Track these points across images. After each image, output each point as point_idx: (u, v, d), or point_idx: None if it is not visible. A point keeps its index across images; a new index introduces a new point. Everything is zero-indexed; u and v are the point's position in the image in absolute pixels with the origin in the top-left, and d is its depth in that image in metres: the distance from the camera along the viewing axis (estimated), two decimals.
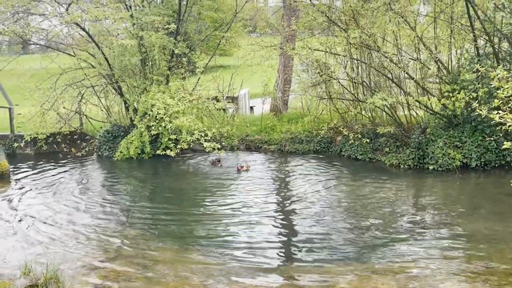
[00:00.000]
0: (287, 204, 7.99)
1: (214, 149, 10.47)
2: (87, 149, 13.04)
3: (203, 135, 10.49)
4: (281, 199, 8.33)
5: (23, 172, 11.03)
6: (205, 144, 10.40)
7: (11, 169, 10.73)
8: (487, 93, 8.63)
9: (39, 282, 4.70)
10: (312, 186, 8.90)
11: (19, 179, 10.30)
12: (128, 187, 9.59)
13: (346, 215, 7.24)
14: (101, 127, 13.20)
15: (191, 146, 11.58)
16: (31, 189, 9.40)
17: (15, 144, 13.18)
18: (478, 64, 8.02)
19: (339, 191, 8.61)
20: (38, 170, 11.16)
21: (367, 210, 7.42)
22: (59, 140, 13.28)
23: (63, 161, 12.18)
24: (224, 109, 13.37)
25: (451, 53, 10.25)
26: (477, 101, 8.32)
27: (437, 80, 10.29)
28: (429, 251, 5.76)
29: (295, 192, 8.58)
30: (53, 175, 10.60)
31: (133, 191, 9.30)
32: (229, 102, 13.99)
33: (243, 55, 12.54)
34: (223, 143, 12.23)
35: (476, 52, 9.69)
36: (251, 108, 16.31)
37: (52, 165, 11.64)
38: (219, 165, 10.46)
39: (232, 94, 14.66)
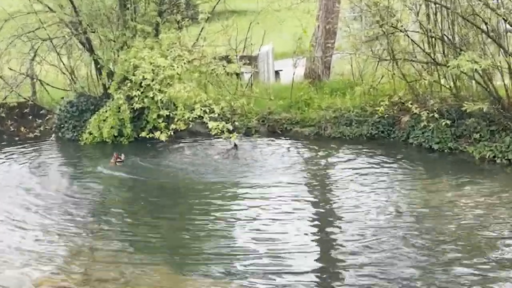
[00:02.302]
0: (328, 217, 7.96)
1: (222, 131, 10.53)
2: (42, 129, 13.21)
3: (207, 111, 10.57)
4: (320, 209, 8.29)
5: None
6: (211, 124, 10.46)
7: None
8: None
9: None
10: (365, 190, 8.83)
11: None
12: (99, 184, 9.75)
13: (413, 231, 7.20)
14: (63, 98, 13.33)
15: (190, 126, 11.65)
16: None
17: None
18: None
19: (404, 198, 8.56)
20: None
21: (445, 225, 7.36)
22: (2, 115, 13.40)
23: (9, 145, 12.44)
24: (237, 74, 13.36)
25: None
26: None
27: None
28: None
29: (340, 200, 8.55)
30: None
31: (106, 190, 9.48)
32: (245, 63, 13.72)
33: None
34: (236, 123, 12.30)
35: None
36: (277, 72, 16.28)
37: None
38: (233, 151, 10.64)
39: (250, 53, 14.63)
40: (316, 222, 7.95)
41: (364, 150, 11.27)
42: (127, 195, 9.55)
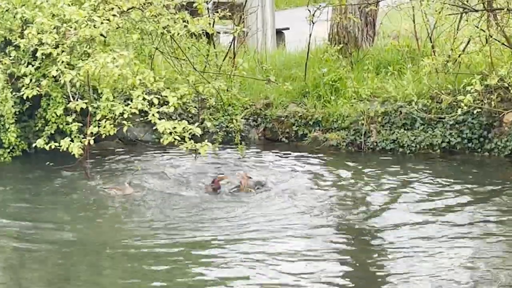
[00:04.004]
0: None
1: (183, 138, 9.56)
2: None
3: (155, 101, 9.67)
4: None
5: None
6: (161, 126, 9.52)
7: None
8: None
9: None
10: (452, 261, 7.78)
11: None
12: None
13: None
14: None
15: (125, 130, 10.53)
16: None
17: None
18: None
19: None
20: None
21: None
22: None
23: None
24: (209, 36, 12.95)
25: None
26: None
27: None
28: None
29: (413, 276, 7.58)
30: None
31: None
32: (223, 17, 13.00)
33: None
34: (207, 124, 11.76)
35: None
36: (280, 33, 16.84)
37: None
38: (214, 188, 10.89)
39: None
40: None
41: (438, 173, 11.00)
42: None
